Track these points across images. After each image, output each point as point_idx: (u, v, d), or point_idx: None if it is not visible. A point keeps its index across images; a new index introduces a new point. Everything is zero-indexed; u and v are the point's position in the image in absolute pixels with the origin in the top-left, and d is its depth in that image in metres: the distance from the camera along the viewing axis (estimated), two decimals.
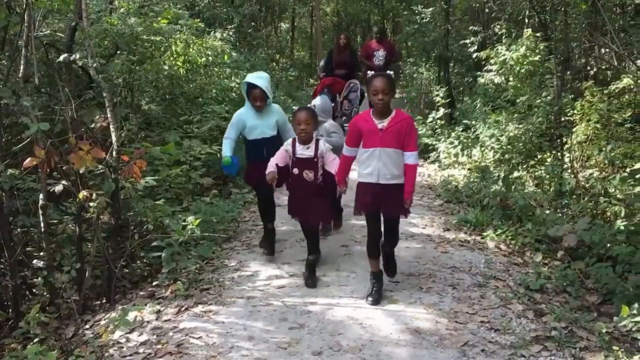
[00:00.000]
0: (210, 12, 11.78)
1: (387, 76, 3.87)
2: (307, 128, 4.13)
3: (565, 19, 7.18)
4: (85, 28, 4.47)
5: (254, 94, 4.58)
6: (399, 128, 3.77)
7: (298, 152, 4.23)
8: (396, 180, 3.85)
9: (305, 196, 4.32)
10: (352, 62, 9.88)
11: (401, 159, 3.82)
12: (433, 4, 12.99)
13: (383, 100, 3.73)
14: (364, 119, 3.90)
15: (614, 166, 6.22)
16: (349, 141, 3.97)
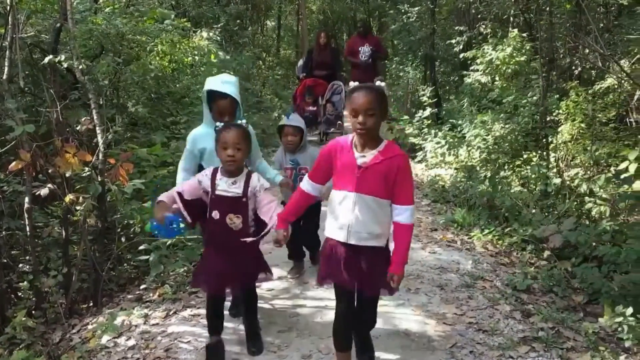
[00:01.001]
0: (196, 10, 11.72)
1: (373, 89, 2.63)
2: (236, 155, 2.90)
3: (550, 19, 7.24)
4: (70, 29, 4.42)
5: (220, 106, 3.30)
6: (386, 168, 2.61)
7: (220, 187, 2.97)
8: (374, 242, 2.72)
9: (228, 253, 3.05)
10: (334, 62, 9.39)
11: (386, 212, 2.71)
12: (419, 3, 13.02)
13: (365, 126, 2.56)
14: (340, 145, 2.74)
15: (599, 165, 6.29)
16: (313, 173, 2.87)
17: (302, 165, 4.05)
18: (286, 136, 4.02)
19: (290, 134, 4.00)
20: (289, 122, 4.01)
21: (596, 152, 6.12)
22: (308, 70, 9.42)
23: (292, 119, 4.01)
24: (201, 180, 3.04)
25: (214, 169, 3.05)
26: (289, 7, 23.16)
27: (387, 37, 17.06)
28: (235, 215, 2.99)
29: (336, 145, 2.79)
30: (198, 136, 3.45)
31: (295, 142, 4.02)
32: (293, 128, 4.00)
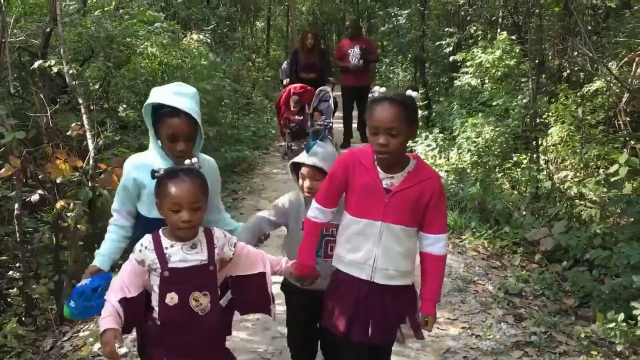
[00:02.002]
0: (185, 12, 11.67)
1: (399, 101, 2.11)
2: (194, 219, 2.08)
3: (539, 22, 7.28)
4: (60, 33, 4.39)
5: (170, 128, 2.34)
6: (419, 193, 2.20)
7: (174, 257, 2.11)
8: (402, 280, 2.30)
9: (197, 348, 2.18)
10: (322, 65, 8.74)
11: (414, 243, 2.31)
12: (408, 5, 13.07)
13: (387, 149, 2.11)
14: (359, 160, 2.25)
15: (588, 168, 6.34)
16: (324, 194, 2.34)
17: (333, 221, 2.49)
18: (304, 179, 2.57)
19: (311, 178, 2.55)
20: (309, 162, 2.54)
21: (585, 155, 6.16)
22: (293, 74, 8.75)
23: (316, 153, 2.56)
24: (142, 260, 2.09)
25: (153, 237, 2.13)
26: (279, 8, 23.15)
27: (377, 38, 17.07)
28: (202, 293, 2.13)
29: (353, 159, 2.27)
30: (137, 166, 2.44)
31: (316, 190, 2.50)
32: (312, 170, 2.54)
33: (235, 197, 7.21)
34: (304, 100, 8.53)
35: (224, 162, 8.01)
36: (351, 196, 2.30)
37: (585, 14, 9.63)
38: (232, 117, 10.40)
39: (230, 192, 7.38)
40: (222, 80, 9.35)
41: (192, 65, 8.21)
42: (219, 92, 9.09)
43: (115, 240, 2.53)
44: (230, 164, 8.37)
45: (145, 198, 2.45)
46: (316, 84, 8.56)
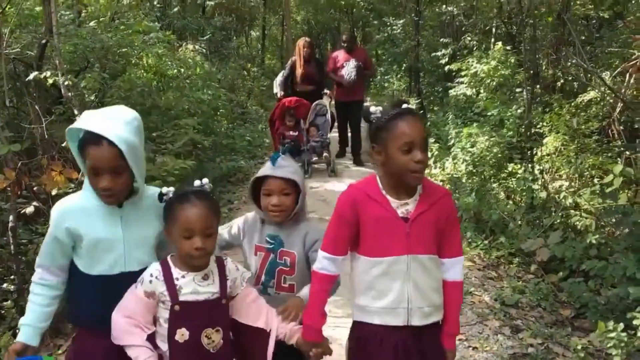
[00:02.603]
0: (181, 22, 11.69)
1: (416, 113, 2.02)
2: (208, 247, 1.93)
3: (533, 33, 7.33)
4: (55, 45, 4.39)
5: (90, 159, 1.92)
6: (436, 215, 2.01)
7: (186, 289, 1.94)
8: (437, 316, 2.08)
9: None
10: (320, 77, 8.25)
11: (439, 269, 2.08)
12: (403, 15, 13.14)
13: (424, 165, 1.94)
14: (365, 193, 2.01)
15: (583, 177, 6.36)
16: (332, 242, 2.05)
17: (285, 247, 2.29)
18: (269, 195, 2.25)
19: (277, 193, 2.23)
20: (275, 172, 2.24)
21: (580, 165, 6.18)
22: (289, 87, 8.19)
23: (284, 166, 2.28)
24: (152, 291, 1.91)
25: (162, 266, 1.95)
26: (274, 17, 23.22)
27: (372, 47, 17.15)
28: (214, 329, 1.96)
29: (359, 193, 2.02)
30: (69, 211, 2.00)
31: (286, 206, 2.25)
32: (282, 182, 2.24)
33: (231, 207, 7.19)
34: (300, 114, 7.99)
35: (219, 171, 8.01)
36: (365, 235, 2.01)
37: (579, 25, 9.72)
38: (228, 126, 10.41)
39: (226, 202, 7.37)
40: (217, 90, 9.34)
41: (187, 75, 8.21)
42: (214, 102, 9.09)
43: (44, 305, 2.06)
44: (226, 173, 8.36)
45: (84, 251, 1.99)
46: (313, 97, 8.07)
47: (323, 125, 8.15)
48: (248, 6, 16.10)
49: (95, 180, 1.93)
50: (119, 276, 2.00)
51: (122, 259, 2.01)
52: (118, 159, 1.88)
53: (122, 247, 2.00)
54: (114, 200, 1.95)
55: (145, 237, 2.07)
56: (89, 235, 1.96)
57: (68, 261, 2.05)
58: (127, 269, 2.01)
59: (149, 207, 2.06)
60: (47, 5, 4.51)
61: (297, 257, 2.27)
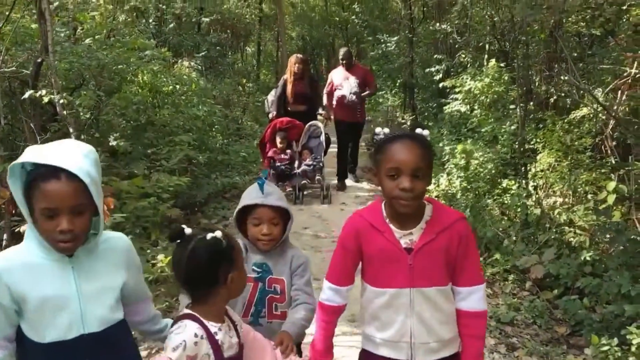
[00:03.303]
0: (176, 39, 11.74)
1: (420, 140, 1.84)
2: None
3: (526, 50, 7.40)
4: (51, 63, 4.40)
5: (45, 197, 1.59)
6: (446, 243, 1.87)
7: (225, 345, 1.77)
8: (447, 351, 1.94)
9: None
10: (313, 95, 7.78)
11: (452, 301, 1.94)
12: (397, 32, 13.25)
13: (413, 193, 1.78)
14: (367, 222, 1.92)
15: (577, 194, 6.39)
16: (336, 272, 2.01)
17: (274, 274, 2.24)
18: (257, 225, 2.19)
19: (267, 222, 2.18)
20: (265, 201, 2.18)
21: (574, 181, 6.22)
22: (282, 106, 7.75)
23: (270, 192, 2.21)
24: (195, 355, 1.69)
25: (198, 322, 1.74)
26: (269, 34, 23.36)
27: (366, 63, 17.27)
28: None
29: (362, 222, 1.93)
30: (9, 269, 1.65)
31: (275, 235, 2.20)
32: (272, 211, 2.19)
33: (226, 223, 7.18)
34: (292, 136, 7.60)
35: (214, 187, 8.02)
36: (368, 266, 1.94)
37: (571, 41, 9.82)
38: (223, 142, 10.42)
39: (221, 218, 7.36)
40: (212, 107, 9.36)
41: (183, 91, 8.24)
42: (209, 118, 9.11)
43: None
44: (221, 189, 8.36)
45: (31, 315, 1.65)
46: (306, 117, 7.61)
47: (317, 148, 7.67)
48: (243, 23, 16.19)
49: (49, 224, 1.59)
50: (77, 341, 1.67)
51: (79, 319, 1.67)
52: (80, 194, 1.59)
53: (78, 304, 1.67)
54: (74, 246, 1.64)
55: (105, 289, 1.74)
56: (34, 295, 1.62)
57: (14, 329, 1.69)
58: (86, 330, 1.68)
59: (109, 252, 1.77)
60: (43, 24, 4.52)
61: (286, 284, 2.24)
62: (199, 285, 1.75)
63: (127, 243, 1.86)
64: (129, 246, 1.86)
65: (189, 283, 1.78)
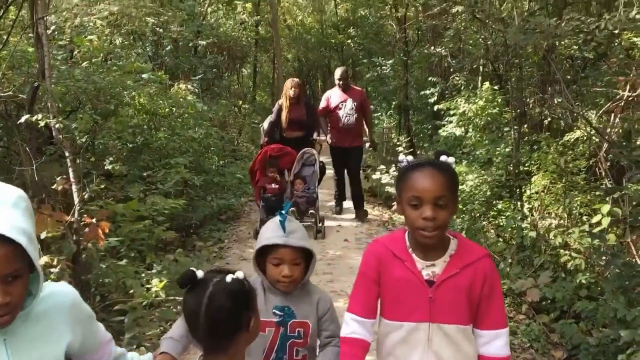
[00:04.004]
0: (173, 61, 11.82)
1: (443, 168, 1.77)
2: None
3: (519, 74, 7.47)
4: (48, 88, 4.42)
5: None
6: (469, 280, 1.79)
7: None
8: None
9: None
10: (309, 120, 7.35)
11: (473, 343, 1.85)
12: (392, 55, 13.38)
13: (435, 223, 1.72)
14: (389, 250, 1.85)
15: (572, 216, 6.41)
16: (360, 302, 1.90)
17: (298, 318, 2.08)
18: (279, 265, 2.02)
19: (291, 262, 2.01)
20: (288, 241, 2.00)
21: (569, 203, 6.24)
22: (277, 132, 7.37)
23: (294, 231, 2.04)
24: None
25: None
26: (265, 55, 23.54)
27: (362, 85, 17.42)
28: None
29: (383, 250, 1.86)
30: None
31: (297, 276, 2.04)
32: (294, 251, 2.01)
33: (222, 246, 7.17)
34: (283, 164, 7.13)
35: (210, 210, 8.01)
36: (386, 296, 1.86)
37: (564, 64, 9.92)
38: (219, 163, 10.44)
39: (217, 240, 7.35)
40: (208, 129, 9.40)
41: (179, 114, 8.27)
42: (205, 140, 9.14)
43: None
44: (216, 211, 8.36)
45: None
46: (302, 144, 7.21)
47: (310, 177, 7.11)
48: (240, 45, 16.34)
49: None
50: None
51: None
52: (15, 258, 1.29)
53: None
54: (10, 319, 1.33)
55: (44, 358, 1.44)
56: None
57: None
58: None
59: (49, 313, 1.46)
60: (40, 48, 4.55)
61: (311, 327, 2.08)
62: (221, 335, 1.57)
63: (70, 298, 1.52)
64: (72, 301, 1.53)
65: (209, 335, 1.56)
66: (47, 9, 5.92)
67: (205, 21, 13.59)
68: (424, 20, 11.49)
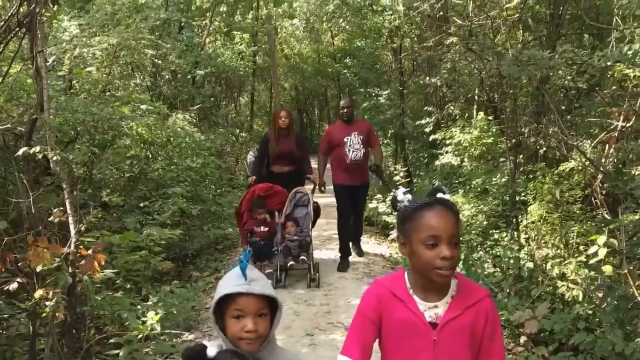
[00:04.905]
0: (171, 91, 11.92)
1: (451, 206, 1.78)
2: None
3: (514, 106, 7.56)
4: (47, 120, 4.45)
5: None
6: (472, 320, 1.77)
7: None
8: None
9: None
10: (300, 153, 6.66)
11: None
12: (388, 84, 13.52)
13: (452, 263, 1.71)
14: (390, 292, 1.81)
15: (569, 245, 6.42)
16: (356, 345, 1.81)
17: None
18: (240, 318, 1.74)
19: (255, 314, 1.75)
20: (251, 289, 1.74)
21: (565, 234, 6.26)
22: (264, 168, 6.71)
23: (257, 279, 1.78)
24: None
25: None
26: (262, 84, 23.77)
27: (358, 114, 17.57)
28: None
29: (384, 291, 1.82)
30: None
31: (262, 330, 1.75)
32: (258, 301, 1.75)
33: (218, 276, 7.13)
34: (273, 205, 6.50)
35: (206, 239, 8.00)
36: (387, 339, 1.81)
37: (558, 94, 10.04)
38: (216, 192, 10.45)
39: (213, 270, 7.32)
40: (206, 158, 9.44)
41: (177, 143, 8.32)
42: (202, 169, 9.17)
43: None
44: (213, 241, 8.35)
45: None
46: (292, 180, 6.57)
47: (303, 219, 6.48)
48: (238, 75, 16.51)
49: None
50: None
51: None
52: None
53: None
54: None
55: None
56: None
57: None
58: None
59: None
60: (39, 81, 4.59)
61: None
62: None
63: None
64: None
65: None
66: (46, 40, 6.00)
67: (203, 51, 13.76)
68: (419, 52, 11.64)
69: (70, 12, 9.68)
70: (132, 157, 6.90)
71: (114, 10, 8.27)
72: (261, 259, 6.26)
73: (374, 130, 7.41)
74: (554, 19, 8.07)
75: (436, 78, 10.18)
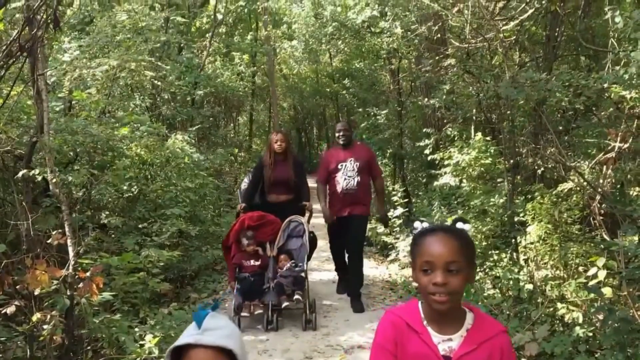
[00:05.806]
0: (171, 112, 11.97)
1: (456, 233, 1.75)
2: None
3: (511, 127, 7.60)
4: (46, 142, 4.46)
5: None
6: (486, 356, 1.73)
7: None
8: None
9: None
10: (298, 180, 6.03)
11: None
12: (386, 104, 13.60)
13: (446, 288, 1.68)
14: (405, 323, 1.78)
15: (568, 266, 6.41)
16: None
17: None
18: None
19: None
20: (200, 339, 1.51)
21: (564, 255, 6.25)
22: (258, 195, 6.11)
23: (214, 328, 1.54)
24: None
25: None
26: (261, 104, 23.89)
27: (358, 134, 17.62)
28: None
29: (398, 321, 1.78)
30: None
31: None
32: (212, 353, 1.51)
33: (216, 297, 7.10)
34: (264, 236, 5.86)
35: (205, 260, 7.98)
36: None
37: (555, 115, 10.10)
38: (214, 213, 10.44)
39: (211, 292, 7.29)
40: (205, 179, 9.45)
41: (176, 164, 8.33)
42: (201, 190, 9.18)
43: None
44: (212, 262, 8.32)
45: None
46: (289, 210, 5.94)
47: (298, 251, 5.84)
48: (237, 95, 16.61)
49: None
50: None
51: None
52: None
53: None
54: None
55: None
56: None
57: None
58: None
59: None
60: (40, 103, 4.62)
61: None
62: None
63: None
64: None
65: None
66: (47, 62, 6.04)
67: (203, 72, 13.86)
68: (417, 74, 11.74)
69: (71, 33, 9.76)
70: (131, 179, 6.90)
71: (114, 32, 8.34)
72: (250, 298, 5.58)
73: (376, 159, 6.77)
74: (550, 41, 8.15)
75: (434, 99, 10.24)
